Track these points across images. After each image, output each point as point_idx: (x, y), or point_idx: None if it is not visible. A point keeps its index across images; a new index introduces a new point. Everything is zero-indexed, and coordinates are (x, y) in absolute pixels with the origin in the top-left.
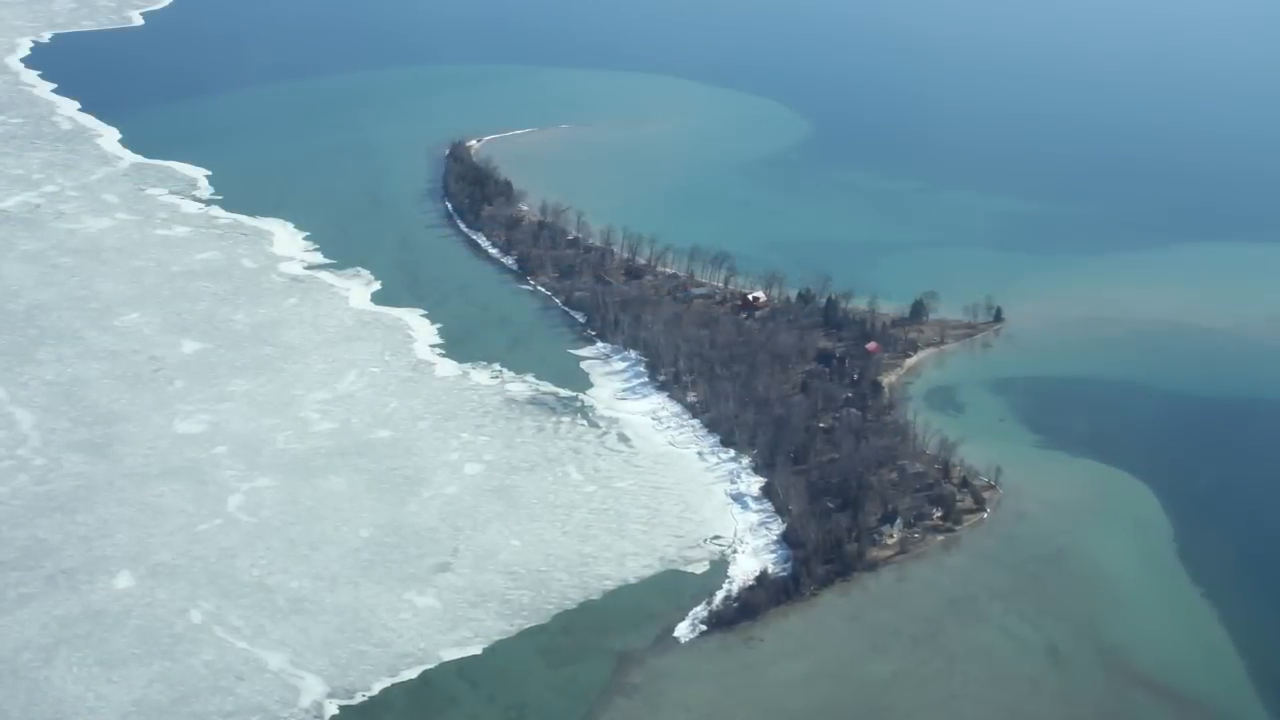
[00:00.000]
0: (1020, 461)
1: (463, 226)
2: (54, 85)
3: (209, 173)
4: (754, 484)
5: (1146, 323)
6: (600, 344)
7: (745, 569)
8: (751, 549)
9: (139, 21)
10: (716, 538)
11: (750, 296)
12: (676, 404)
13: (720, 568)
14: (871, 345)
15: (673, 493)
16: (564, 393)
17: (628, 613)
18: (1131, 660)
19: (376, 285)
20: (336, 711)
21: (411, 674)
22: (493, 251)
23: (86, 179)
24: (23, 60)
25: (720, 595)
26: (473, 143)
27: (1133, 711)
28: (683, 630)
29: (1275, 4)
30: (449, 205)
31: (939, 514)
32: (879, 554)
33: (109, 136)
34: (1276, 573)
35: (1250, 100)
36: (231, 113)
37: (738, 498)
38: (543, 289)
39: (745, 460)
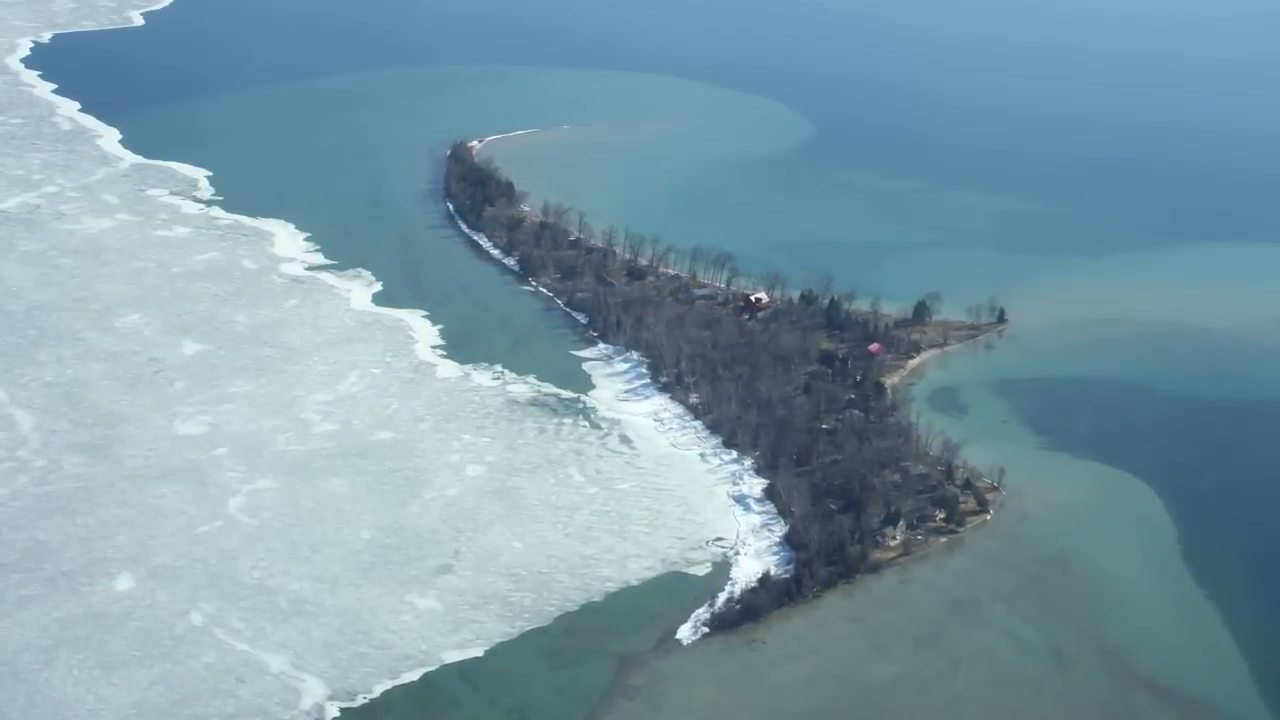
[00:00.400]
0: (1023, 463)
1: (464, 227)
2: (54, 85)
3: (209, 173)
4: (756, 485)
5: (1149, 323)
6: (602, 345)
7: (747, 571)
8: (754, 551)
9: (139, 21)
10: (719, 539)
11: (752, 297)
12: (679, 405)
13: (722, 569)
14: (874, 346)
15: (675, 494)
16: (566, 394)
17: (630, 614)
18: (1135, 662)
19: (378, 286)
20: (337, 714)
21: (413, 676)
22: (494, 252)
23: (87, 179)
24: (23, 60)
25: (722, 597)
26: (474, 143)
27: (1136, 713)
28: (685, 632)
29: (1275, 4)
30: (450, 206)
31: (942, 516)
32: (882, 556)
33: (109, 137)
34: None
35: (1250, 100)
36: (231, 113)
37: (740, 499)
38: (544, 290)
39: (747, 462)
